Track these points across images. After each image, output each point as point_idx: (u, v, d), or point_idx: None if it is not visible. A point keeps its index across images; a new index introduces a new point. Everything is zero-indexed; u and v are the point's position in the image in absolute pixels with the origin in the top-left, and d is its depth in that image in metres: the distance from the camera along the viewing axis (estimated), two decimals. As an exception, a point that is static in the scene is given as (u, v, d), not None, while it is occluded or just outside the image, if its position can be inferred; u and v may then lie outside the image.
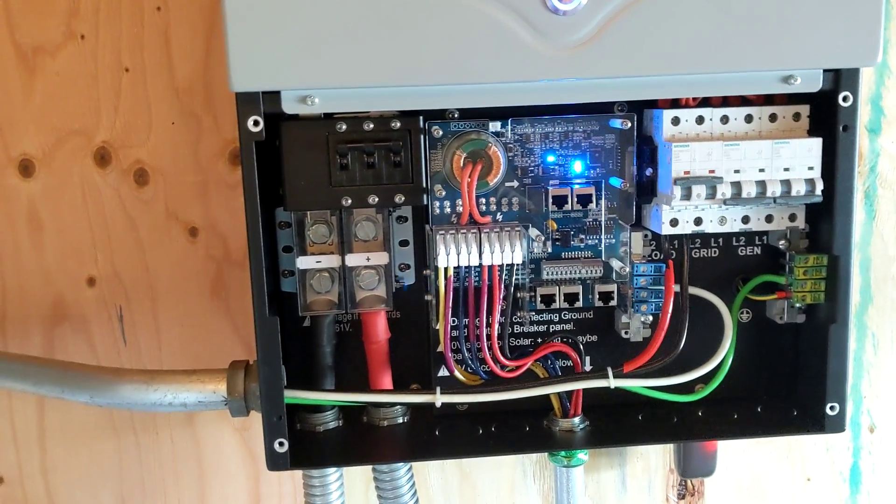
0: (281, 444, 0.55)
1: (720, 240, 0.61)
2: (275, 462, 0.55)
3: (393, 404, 0.61)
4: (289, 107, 0.51)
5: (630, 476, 0.76)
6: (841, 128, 0.54)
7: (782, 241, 0.59)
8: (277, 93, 0.51)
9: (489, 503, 0.76)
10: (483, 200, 0.58)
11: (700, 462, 0.71)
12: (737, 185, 0.54)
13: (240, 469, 0.73)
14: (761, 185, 0.54)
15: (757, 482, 0.77)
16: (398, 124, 0.54)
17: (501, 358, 0.58)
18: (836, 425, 0.58)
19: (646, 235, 0.60)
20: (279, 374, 0.54)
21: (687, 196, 0.54)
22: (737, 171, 0.54)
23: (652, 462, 0.76)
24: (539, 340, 0.62)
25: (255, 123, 0.51)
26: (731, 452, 0.76)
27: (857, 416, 0.77)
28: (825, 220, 0.56)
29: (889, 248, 0.74)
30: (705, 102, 0.56)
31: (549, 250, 0.59)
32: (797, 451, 0.77)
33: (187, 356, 0.70)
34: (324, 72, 0.50)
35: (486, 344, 0.57)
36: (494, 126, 0.57)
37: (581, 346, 0.61)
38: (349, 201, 0.55)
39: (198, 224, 0.69)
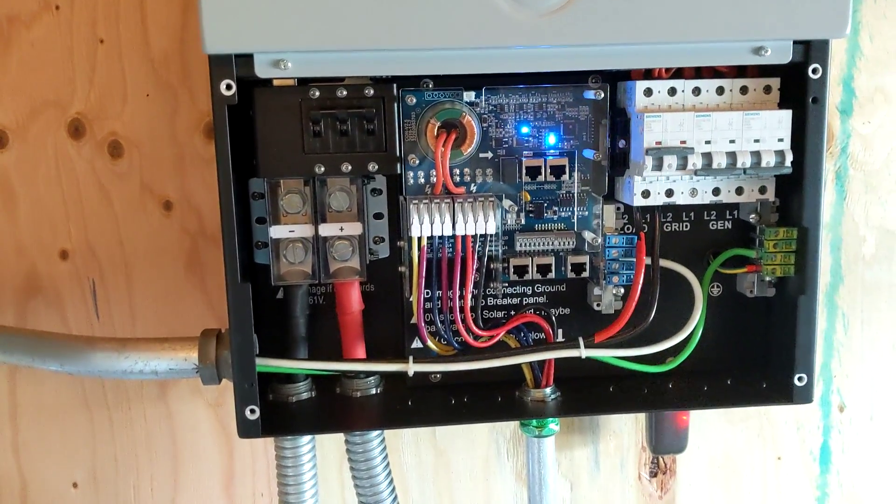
0: (252, 410, 0.55)
1: (691, 213, 0.62)
2: (246, 429, 0.55)
3: (365, 373, 0.61)
4: (262, 70, 0.51)
5: (603, 454, 0.77)
6: (810, 99, 0.55)
7: (753, 215, 0.60)
8: (251, 56, 0.51)
9: (463, 481, 0.76)
10: (457, 171, 0.58)
11: (671, 439, 0.72)
12: (707, 156, 0.55)
13: (213, 444, 0.73)
14: (732, 156, 0.55)
15: (728, 460, 0.78)
16: (371, 91, 0.55)
17: (475, 328, 0.58)
18: (804, 396, 0.59)
19: (618, 208, 0.60)
20: (251, 340, 0.54)
21: (658, 166, 0.54)
22: (708, 142, 0.55)
23: (625, 440, 0.77)
24: (512, 312, 0.62)
25: (228, 87, 0.51)
26: (703, 431, 0.77)
27: (828, 395, 0.78)
28: (795, 192, 0.57)
29: (860, 229, 0.75)
30: (678, 74, 0.57)
31: (523, 222, 0.60)
32: (768, 429, 0.78)
33: (161, 330, 0.69)
34: (297, 34, 0.50)
35: (459, 315, 0.57)
36: (469, 96, 0.57)
37: (553, 318, 0.61)
38: (322, 169, 0.55)
39: (172, 197, 0.68)
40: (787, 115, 0.55)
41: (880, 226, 0.75)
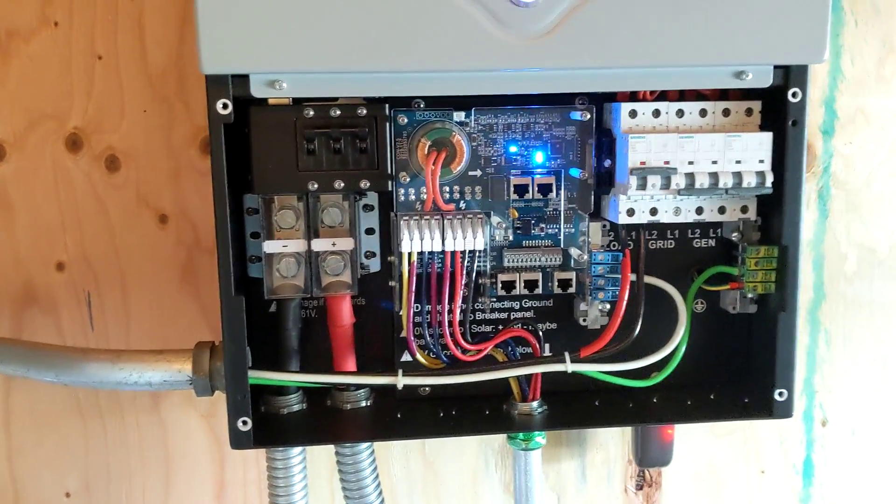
0: (244, 422, 0.56)
1: (676, 231, 0.63)
2: (238, 440, 0.56)
3: (356, 386, 0.62)
4: (257, 90, 0.52)
5: (590, 466, 0.78)
6: (790, 122, 0.56)
7: (735, 233, 0.61)
8: (247, 76, 0.52)
9: (452, 492, 0.77)
10: (447, 188, 0.60)
11: (657, 452, 0.73)
12: (690, 176, 0.56)
13: (205, 454, 0.74)
14: (714, 176, 0.56)
15: (713, 474, 0.79)
16: (364, 111, 0.56)
17: (463, 342, 0.59)
18: (784, 411, 0.60)
19: (604, 225, 0.61)
20: (244, 352, 0.56)
21: (643, 186, 0.56)
22: (691, 163, 0.56)
23: (611, 453, 0.78)
24: (500, 327, 0.63)
25: (224, 106, 0.52)
26: (689, 444, 0.78)
27: (811, 410, 0.79)
28: (776, 212, 0.59)
29: (841, 246, 0.77)
30: (662, 97, 0.58)
31: (511, 238, 0.61)
32: (752, 443, 0.79)
33: (155, 342, 0.71)
34: (292, 56, 0.51)
35: (447, 329, 0.59)
36: (459, 116, 0.59)
37: (540, 333, 0.62)
38: (315, 186, 0.56)
39: (168, 210, 0.70)
40: (767, 137, 0.57)
41: (861, 244, 0.77)
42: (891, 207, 0.76)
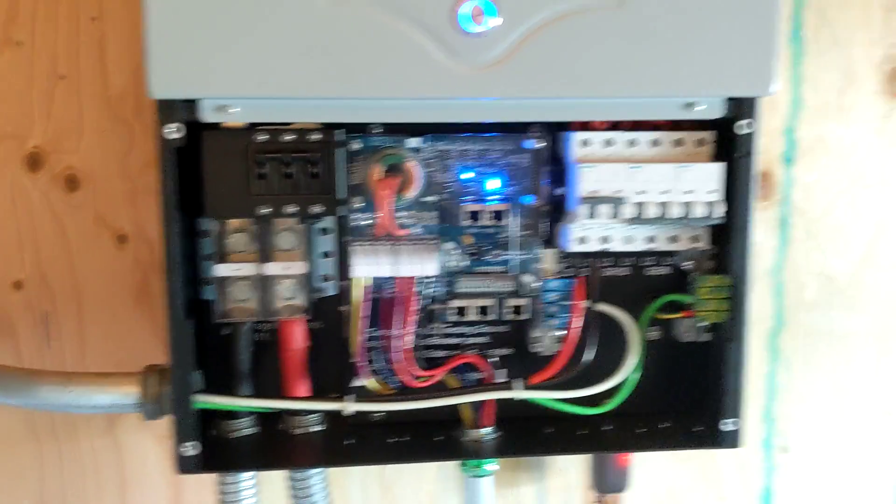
0: (192, 447, 0.56)
1: (631, 259, 0.64)
2: (184, 465, 0.56)
3: (305, 411, 0.61)
4: (208, 115, 0.53)
5: (549, 492, 0.78)
6: (739, 154, 0.57)
7: (688, 262, 0.62)
8: (196, 101, 0.52)
9: (410, 516, 0.77)
10: (401, 214, 0.60)
11: (613, 479, 0.73)
12: (640, 206, 0.56)
13: (161, 478, 0.73)
14: (664, 206, 0.56)
15: (673, 500, 0.79)
16: (317, 136, 0.56)
17: (414, 368, 0.59)
18: (733, 441, 0.60)
19: (558, 253, 0.62)
20: (190, 377, 0.55)
21: (593, 215, 0.56)
22: (641, 193, 0.57)
23: (571, 479, 0.78)
24: (454, 352, 0.63)
25: (175, 130, 0.52)
26: (648, 470, 0.78)
27: (771, 437, 0.79)
28: (727, 241, 0.59)
29: (801, 275, 0.77)
30: (615, 126, 0.59)
31: (465, 264, 0.61)
32: (712, 470, 0.79)
33: (112, 362, 0.70)
34: (242, 82, 0.51)
35: (398, 355, 0.59)
36: (414, 142, 0.59)
37: (493, 359, 0.62)
38: (267, 210, 0.56)
39: (126, 231, 0.70)
40: (718, 167, 0.57)
41: (821, 272, 0.77)
42: (850, 237, 0.77)
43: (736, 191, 0.57)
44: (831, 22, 0.74)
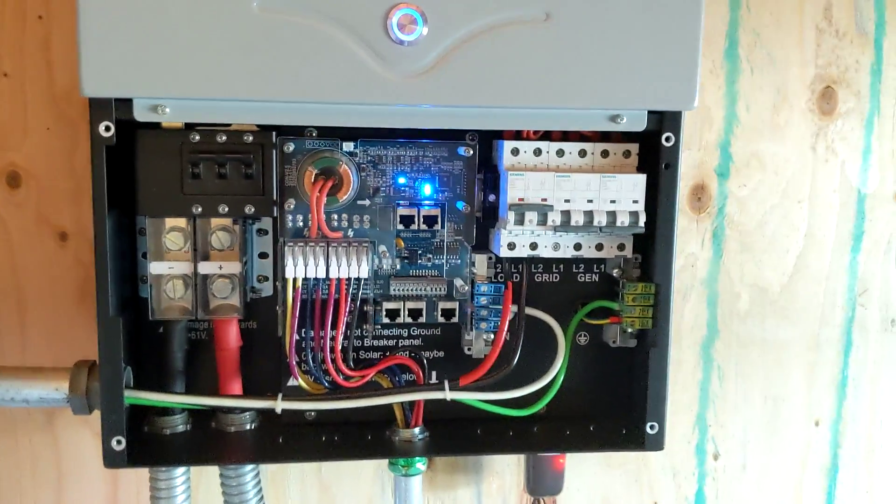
0: (119, 441, 0.57)
1: (561, 266, 0.65)
2: (111, 459, 0.57)
3: (240, 409, 0.62)
4: (140, 114, 0.53)
5: (485, 494, 0.79)
6: (663, 165, 0.59)
7: (616, 270, 0.63)
8: (130, 100, 0.53)
9: (348, 517, 0.77)
10: (335, 216, 0.61)
11: (548, 481, 0.74)
12: (566, 214, 0.58)
13: (98, 474, 0.74)
14: (589, 214, 0.58)
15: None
16: (251, 138, 0.57)
17: (344, 368, 0.60)
18: (656, 443, 0.62)
19: (490, 258, 0.63)
20: (119, 372, 0.56)
21: (520, 221, 0.58)
22: (567, 201, 0.58)
23: (507, 481, 0.79)
24: (387, 354, 0.64)
25: (107, 129, 0.53)
26: (583, 474, 0.79)
27: (703, 443, 0.81)
28: (651, 250, 0.61)
29: (735, 285, 0.79)
30: (546, 136, 0.60)
31: (398, 267, 0.63)
32: (645, 475, 0.81)
33: (51, 359, 0.71)
34: (174, 82, 0.52)
35: (329, 355, 0.60)
36: (348, 146, 0.60)
37: (425, 361, 0.63)
38: (200, 209, 0.57)
39: (68, 229, 0.70)
40: (641, 178, 0.59)
41: (754, 284, 0.79)
42: (782, 250, 0.79)
43: (660, 201, 0.59)
44: (766, 42, 0.76)
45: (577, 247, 0.61)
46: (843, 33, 0.77)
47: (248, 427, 0.64)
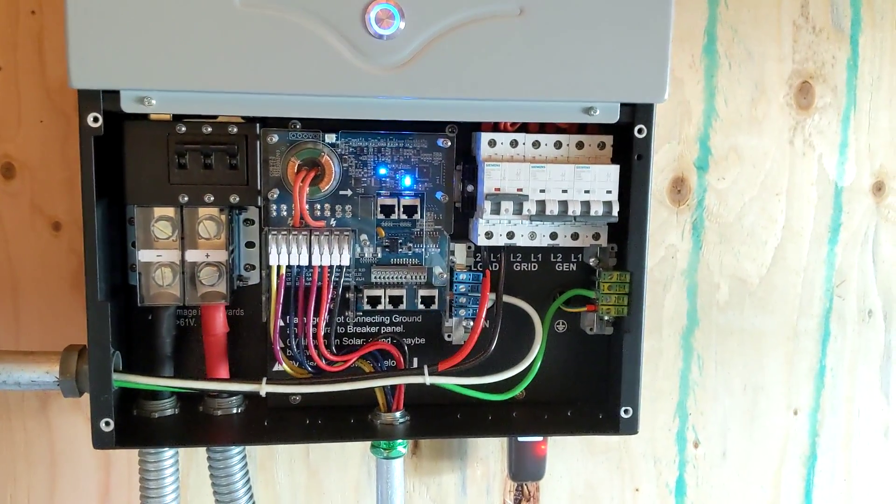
0: (107, 423, 0.59)
1: (539, 255, 0.67)
2: (100, 440, 0.58)
3: (227, 393, 0.64)
4: (127, 106, 0.55)
5: (470, 480, 0.81)
6: (636, 157, 0.60)
7: (593, 259, 0.65)
8: (117, 92, 0.55)
9: (335, 501, 0.79)
10: (317, 206, 0.63)
11: (530, 467, 0.76)
12: (542, 204, 0.60)
13: (91, 458, 0.76)
14: (563, 204, 0.60)
15: (590, 490, 0.82)
16: (235, 129, 0.59)
17: (327, 353, 0.62)
18: (630, 427, 0.63)
19: (469, 247, 0.65)
20: (107, 355, 0.58)
21: (497, 211, 0.59)
22: (542, 191, 0.60)
23: (491, 467, 0.81)
24: (369, 340, 0.66)
25: (95, 120, 0.55)
26: (566, 461, 0.81)
27: (683, 431, 0.83)
28: (625, 239, 0.62)
29: (714, 276, 0.81)
30: (523, 128, 0.62)
31: (379, 256, 0.64)
32: (627, 461, 0.83)
33: (44, 347, 0.72)
34: (161, 75, 0.54)
35: (311, 340, 0.61)
36: (330, 138, 0.62)
37: (405, 346, 0.65)
38: (186, 199, 0.59)
39: (62, 219, 0.72)
40: (614, 169, 0.61)
41: (733, 274, 0.81)
42: (760, 241, 0.81)
43: (633, 191, 0.61)
44: (744, 37, 0.78)
45: (553, 236, 0.62)
46: (820, 29, 0.79)
47: (234, 411, 0.66)
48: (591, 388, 0.69)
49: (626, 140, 0.61)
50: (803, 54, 0.79)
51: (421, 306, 0.65)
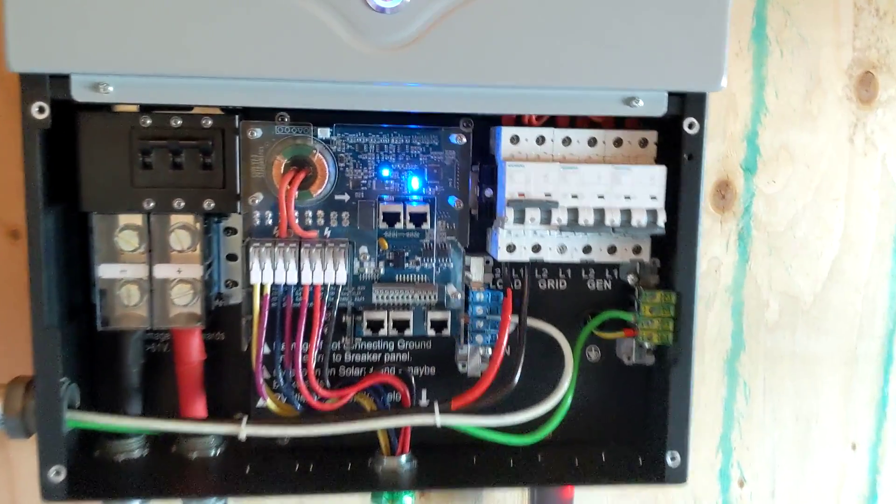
0: (57, 472, 0.49)
1: (568, 271, 0.58)
2: (49, 491, 0.49)
3: (195, 435, 0.55)
4: (79, 94, 0.46)
5: (485, 524, 0.71)
6: (686, 156, 0.51)
7: (631, 276, 0.56)
8: (67, 77, 0.46)
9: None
10: (308, 213, 0.53)
11: (554, 511, 0.67)
12: (573, 212, 0.50)
13: (53, 500, 0.67)
14: (600, 212, 0.51)
15: (620, 535, 0.73)
16: (210, 122, 0.50)
17: (318, 388, 0.53)
18: (678, 476, 0.54)
19: (487, 261, 0.56)
20: (56, 391, 0.49)
21: (520, 220, 0.50)
22: (574, 197, 0.51)
23: (509, 510, 0.72)
24: (370, 371, 0.57)
25: (41, 110, 0.46)
26: (594, 503, 0.72)
27: (727, 468, 0.74)
28: (672, 254, 0.53)
29: (762, 293, 0.72)
30: (551, 122, 0.53)
31: (382, 272, 0.55)
32: (663, 503, 0.73)
33: (3, 363, 0.64)
34: (118, 56, 0.45)
35: (301, 372, 0.52)
36: (323, 132, 0.53)
37: (412, 379, 0.56)
38: (152, 204, 0.50)
39: (20, 226, 0.63)
40: (660, 171, 0.51)
41: (784, 291, 0.72)
42: (815, 253, 0.72)
43: (682, 197, 0.51)
44: (797, 20, 0.69)
45: (587, 249, 0.53)
46: (885, 12, 0.70)
47: (212, 453, 0.57)
48: (628, 428, 0.59)
49: (673, 137, 0.52)
50: (865, 40, 0.70)
51: (431, 331, 0.55)
